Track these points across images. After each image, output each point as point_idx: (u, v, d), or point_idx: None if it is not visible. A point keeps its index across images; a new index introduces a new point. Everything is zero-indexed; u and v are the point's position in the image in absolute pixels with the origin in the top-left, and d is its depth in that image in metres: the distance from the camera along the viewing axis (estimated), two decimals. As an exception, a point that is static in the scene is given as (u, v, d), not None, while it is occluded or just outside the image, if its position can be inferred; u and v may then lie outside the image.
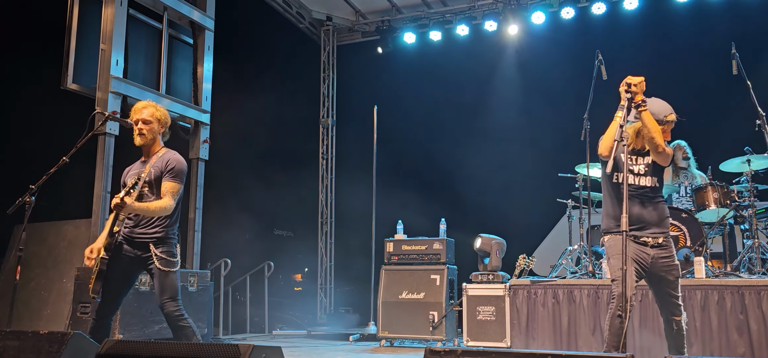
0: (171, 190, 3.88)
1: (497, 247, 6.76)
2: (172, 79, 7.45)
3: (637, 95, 3.76)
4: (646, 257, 3.81)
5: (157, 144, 4.06)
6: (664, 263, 3.84)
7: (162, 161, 3.94)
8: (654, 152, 3.86)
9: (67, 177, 4.53)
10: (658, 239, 3.84)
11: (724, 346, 5.38)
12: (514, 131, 9.81)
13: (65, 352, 3.23)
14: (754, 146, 6.14)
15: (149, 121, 4.00)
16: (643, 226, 3.84)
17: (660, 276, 3.86)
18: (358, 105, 10.77)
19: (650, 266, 3.83)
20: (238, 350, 2.78)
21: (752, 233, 6.04)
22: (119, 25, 6.54)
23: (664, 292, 3.89)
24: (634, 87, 3.76)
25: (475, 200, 9.68)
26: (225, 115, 8.37)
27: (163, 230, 3.91)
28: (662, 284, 3.88)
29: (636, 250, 3.80)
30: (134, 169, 4.06)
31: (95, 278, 3.76)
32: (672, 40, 9.20)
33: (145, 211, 3.80)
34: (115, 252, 3.86)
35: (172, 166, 3.91)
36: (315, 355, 6.43)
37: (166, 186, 3.88)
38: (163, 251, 3.87)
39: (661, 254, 3.83)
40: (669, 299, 3.88)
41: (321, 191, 11.21)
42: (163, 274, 3.83)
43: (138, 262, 3.91)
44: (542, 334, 6.10)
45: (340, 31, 11.69)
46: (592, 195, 7.06)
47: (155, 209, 3.81)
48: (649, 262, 3.82)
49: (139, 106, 4.06)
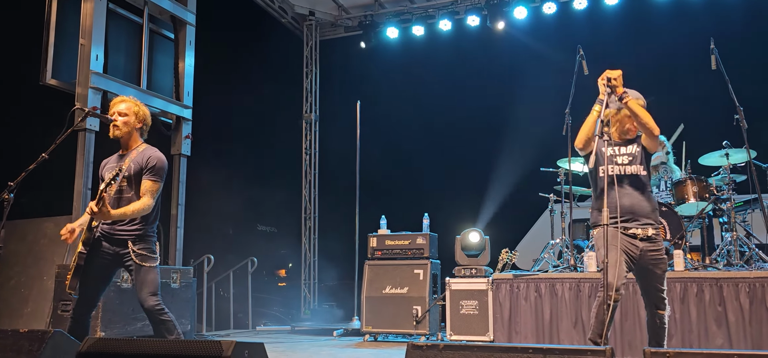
0: (151, 189, 3.81)
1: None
2: (154, 75, 7.39)
3: (617, 88, 3.81)
4: (635, 250, 3.81)
5: (134, 139, 3.97)
6: (652, 256, 3.84)
7: (142, 157, 3.87)
8: (650, 137, 3.83)
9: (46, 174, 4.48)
10: (647, 231, 3.82)
11: (703, 337, 5.46)
12: (497, 126, 9.85)
13: (45, 350, 3.20)
14: (733, 140, 6.21)
15: (125, 114, 3.93)
16: (632, 217, 3.83)
17: (648, 269, 3.87)
18: (341, 100, 10.76)
19: (639, 259, 3.83)
20: (221, 346, 2.77)
21: (731, 226, 6.13)
22: (99, 19, 6.46)
23: (651, 285, 3.90)
24: (614, 81, 3.81)
25: (458, 195, 9.73)
26: (207, 111, 8.31)
27: (143, 227, 3.85)
28: (649, 277, 3.90)
29: (625, 242, 3.80)
30: (111, 162, 3.98)
31: (72, 274, 3.70)
32: (652, 35, 9.29)
33: (123, 215, 3.73)
34: (94, 248, 3.79)
35: (152, 164, 3.84)
36: (299, 351, 6.42)
37: (145, 185, 3.81)
38: (141, 248, 3.81)
39: (650, 247, 3.83)
40: (655, 293, 3.90)
41: (304, 186, 11.19)
42: (143, 269, 3.77)
43: (116, 259, 3.85)
44: (525, 327, 6.15)
45: (322, 26, 11.65)
46: (574, 189, 7.12)
47: (134, 211, 3.74)
48: (638, 255, 3.81)
49: (117, 99, 4.01)
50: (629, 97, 3.81)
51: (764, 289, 5.34)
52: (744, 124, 5.69)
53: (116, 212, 3.68)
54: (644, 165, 3.92)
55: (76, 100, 6.27)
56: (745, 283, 5.40)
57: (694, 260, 6.14)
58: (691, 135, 7.00)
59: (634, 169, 3.90)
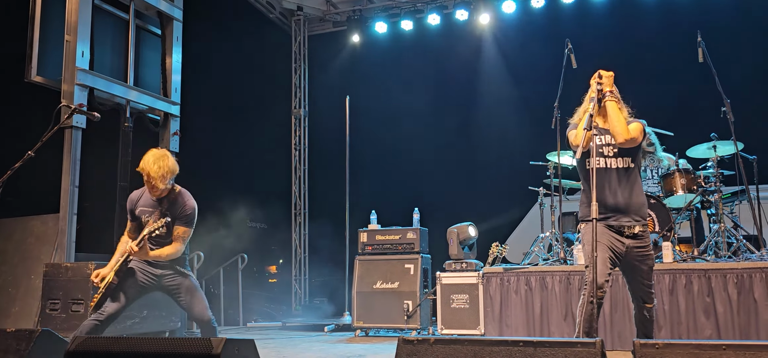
0: (183, 235, 4.04)
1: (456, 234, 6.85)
2: (141, 71, 7.33)
3: (605, 86, 3.83)
4: (620, 247, 3.79)
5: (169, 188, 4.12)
6: (638, 252, 3.82)
7: (178, 207, 4.05)
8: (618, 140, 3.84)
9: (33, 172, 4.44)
10: (634, 229, 3.80)
11: (692, 329, 5.50)
12: (486, 120, 9.87)
13: (33, 349, 3.17)
14: (720, 132, 6.25)
15: (164, 177, 3.97)
16: (618, 215, 3.80)
17: (634, 265, 3.86)
18: (330, 95, 10.73)
19: (625, 256, 3.81)
20: (211, 343, 2.76)
21: (718, 218, 6.16)
22: (84, 15, 6.39)
23: (637, 280, 3.89)
24: (604, 79, 3.85)
25: (448, 189, 9.73)
26: (196, 107, 8.26)
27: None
28: (636, 273, 3.89)
29: (611, 238, 3.78)
30: (146, 203, 4.10)
31: (100, 296, 3.86)
32: (640, 27, 9.33)
33: (158, 257, 3.99)
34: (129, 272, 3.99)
35: (187, 213, 4.06)
36: (289, 347, 6.41)
37: (178, 231, 4.03)
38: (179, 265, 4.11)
39: (636, 244, 3.81)
40: (641, 288, 3.89)
41: (294, 182, 11.16)
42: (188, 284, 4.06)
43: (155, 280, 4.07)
44: (515, 320, 6.17)
45: (310, 20, 11.61)
46: (563, 182, 7.14)
47: (168, 255, 3.99)
48: (624, 251, 3.80)
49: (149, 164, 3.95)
50: (611, 98, 3.83)
51: (752, 280, 5.38)
52: (731, 117, 5.73)
53: (153, 254, 3.95)
54: (631, 157, 3.87)
55: (62, 97, 6.20)
56: (733, 274, 5.45)
57: (683, 252, 6.17)
58: (679, 127, 7.04)
59: (621, 162, 3.85)
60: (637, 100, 3.98)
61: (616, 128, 3.77)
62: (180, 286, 4.07)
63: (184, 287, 4.07)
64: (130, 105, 6.89)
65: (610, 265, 3.76)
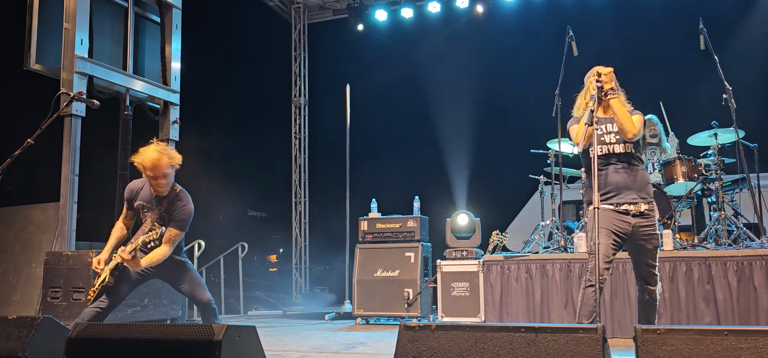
0: (174, 238, 3.97)
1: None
2: (140, 59, 7.30)
3: (606, 84, 3.82)
4: (626, 227, 3.80)
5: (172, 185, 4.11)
6: (644, 231, 3.83)
7: (175, 208, 4.00)
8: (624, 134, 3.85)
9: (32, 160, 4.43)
10: (640, 207, 3.82)
11: (692, 316, 5.51)
12: (487, 108, 9.85)
13: (35, 336, 3.17)
14: (721, 120, 6.23)
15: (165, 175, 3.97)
16: (621, 192, 3.83)
17: (639, 245, 3.87)
18: (330, 84, 10.70)
19: (631, 235, 3.82)
20: (212, 330, 2.76)
21: (719, 206, 6.16)
22: (83, 3, 6.36)
23: (642, 260, 3.90)
24: (604, 77, 3.83)
25: (449, 178, 9.73)
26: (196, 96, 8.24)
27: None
28: (640, 252, 3.89)
29: (616, 219, 3.79)
30: (144, 194, 4.07)
31: (98, 289, 3.83)
32: (641, 15, 9.29)
33: (149, 263, 3.93)
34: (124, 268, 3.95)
35: (183, 217, 4.01)
36: (290, 334, 6.42)
37: (170, 233, 3.95)
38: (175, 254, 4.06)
39: (642, 222, 3.82)
40: (645, 268, 3.90)
41: (294, 170, 11.15)
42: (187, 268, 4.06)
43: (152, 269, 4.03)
44: (516, 308, 6.18)
45: (310, 9, 11.57)
46: (564, 171, 7.13)
47: (156, 260, 3.92)
48: (630, 231, 3.81)
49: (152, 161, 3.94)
50: (614, 95, 3.82)
51: (752, 267, 5.38)
52: (733, 104, 5.71)
53: (144, 261, 3.88)
54: (632, 143, 3.90)
55: (61, 85, 6.18)
56: (733, 261, 5.45)
57: (684, 240, 6.17)
58: (680, 115, 7.02)
59: (623, 147, 3.89)
60: (638, 88, 3.97)
61: (626, 125, 3.79)
62: (179, 273, 4.06)
63: (183, 273, 4.06)
64: (129, 93, 6.87)
65: (613, 250, 3.77)
